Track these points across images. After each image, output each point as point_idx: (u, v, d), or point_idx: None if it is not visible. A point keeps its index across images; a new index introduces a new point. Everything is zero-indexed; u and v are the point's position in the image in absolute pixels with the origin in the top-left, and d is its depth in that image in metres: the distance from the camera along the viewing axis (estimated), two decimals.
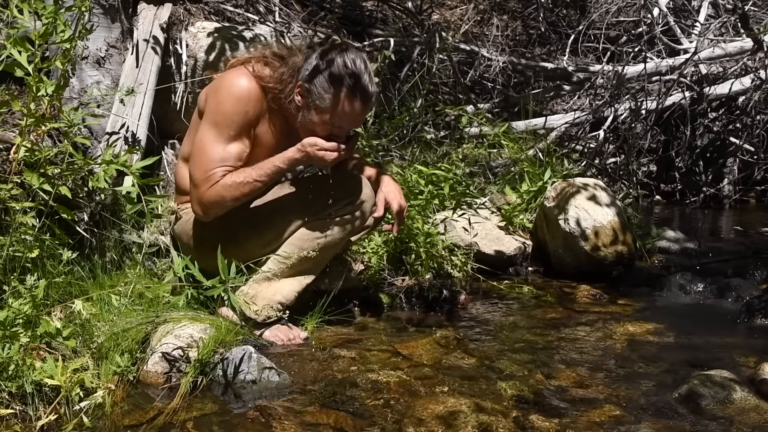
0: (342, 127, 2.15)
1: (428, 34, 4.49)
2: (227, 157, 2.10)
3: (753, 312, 2.62)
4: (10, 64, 1.92)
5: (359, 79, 2.09)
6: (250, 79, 2.13)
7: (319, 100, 2.10)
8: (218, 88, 2.16)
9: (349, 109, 2.11)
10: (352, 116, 2.13)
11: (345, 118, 2.13)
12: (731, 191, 4.88)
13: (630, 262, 3.12)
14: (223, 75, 2.20)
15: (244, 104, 2.11)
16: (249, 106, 2.12)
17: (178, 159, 2.34)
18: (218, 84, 2.17)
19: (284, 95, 2.15)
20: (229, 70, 2.21)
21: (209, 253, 2.17)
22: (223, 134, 2.10)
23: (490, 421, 1.78)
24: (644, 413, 1.83)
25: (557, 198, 3.18)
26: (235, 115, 2.10)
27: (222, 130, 2.10)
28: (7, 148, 2.09)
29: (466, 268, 2.84)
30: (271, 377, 1.95)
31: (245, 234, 2.21)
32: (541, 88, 5.10)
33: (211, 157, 2.10)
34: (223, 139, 2.10)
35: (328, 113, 2.11)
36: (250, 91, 2.12)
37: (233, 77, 2.14)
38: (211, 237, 2.20)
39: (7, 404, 1.66)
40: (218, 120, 2.10)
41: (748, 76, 4.68)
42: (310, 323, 2.37)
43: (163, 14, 2.95)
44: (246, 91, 2.11)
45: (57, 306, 1.98)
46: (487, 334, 2.45)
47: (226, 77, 2.16)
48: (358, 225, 2.25)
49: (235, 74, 2.15)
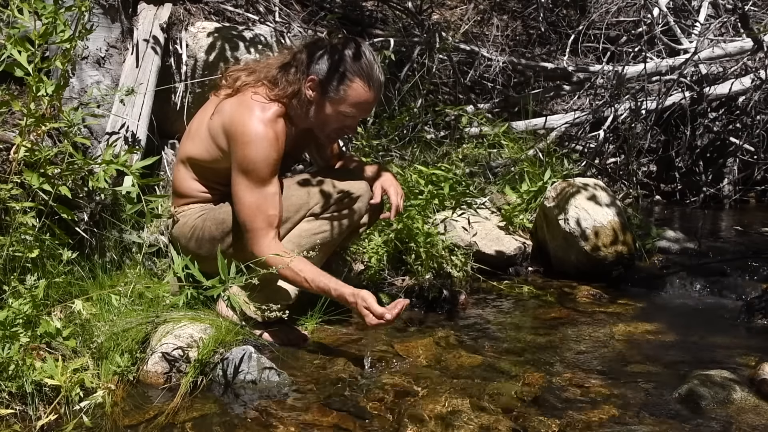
0: (354, 117, 2.19)
1: (428, 34, 4.49)
2: (263, 207, 2.10)
3: (753, 312, 2.62)
4: (10, 64, 1.92)
5: (372, 69, 2.13)
6: (270, 120, 2.10)
7: (333, 91, 2.13)
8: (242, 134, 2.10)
9: (364, 99, 2.15)
10: (365, 105, 2.18)
11: (358, 108, 2.16)
12: (731, 191, 4.87)
13: (630, 262, 3.12)
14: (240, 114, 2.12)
15: (270, 151, 2.09)
16: (275, 151, 2.11)
17: (177, 161, 2.34)
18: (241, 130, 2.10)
19: (299, 95, 2.16)
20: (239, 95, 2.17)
21: (208, 254, 2.18)
22: (256, 183, 2.10)
23: (490, 421, 1.78)
24: (644, 413, 1.83)
25: (557, 198, 3.18)
26: (263, 162, 2.09)
27: (254, 179, 2.10)
28: (7, 148, 2.09)
29: (466, 268, 2.84)
30: (271, 377, 1.95)
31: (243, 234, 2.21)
32: (541, 88, 5.10)
33: (251, 210, 2.10)
34: (257, 188, 2.10)
35: (343, 103, 2.14)
36: (276, 135, 2.10)
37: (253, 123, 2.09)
38: (209, 239, 2.21)
39: (7, 404, 1.66)
40: (248, 170, 2.09)
41: (748, 76, 4.68)
42: (310, 323, 2.38)
43: (163, 14, 2.95)
44: (272, 137, 2.09)
45: (57, 306, 1.98)
46: (487, 334, 2.45)
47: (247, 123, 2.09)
48: (355, 220, 2.27)
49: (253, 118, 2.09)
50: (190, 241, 2.26)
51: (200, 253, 2.23)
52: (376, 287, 2.70)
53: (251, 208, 2.11)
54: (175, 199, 2.33)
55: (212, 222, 2.23)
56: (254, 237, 2.11)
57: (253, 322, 2.21)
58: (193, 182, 2.29)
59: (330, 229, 2.21)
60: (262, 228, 2.10)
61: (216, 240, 2.22)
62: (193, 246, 2.26)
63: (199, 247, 2.25)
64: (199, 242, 2.25)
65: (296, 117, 2.20)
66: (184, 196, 2.29)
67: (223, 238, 2.21)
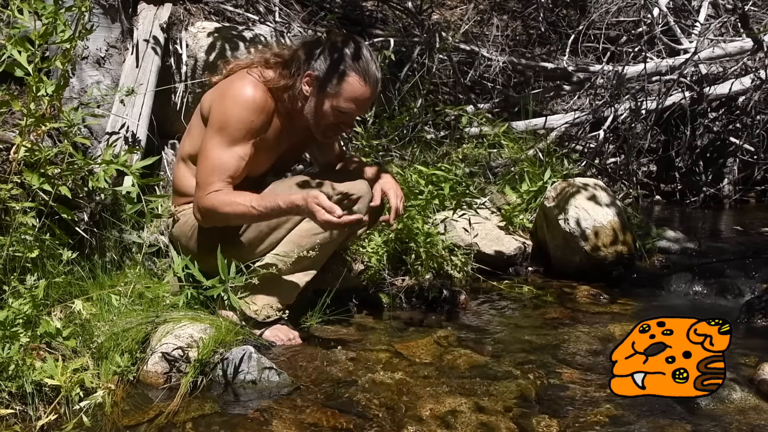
0: (350, 113, 2.18)
1: (428, 34, 4.50)
2: (227, 165, 2.10)
3: (753, 312, 2.62)
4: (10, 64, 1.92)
5: (369, 65, 2.14)
6: (257, 87, 2.12)
7: (329, 86, 2.13)
8: (223, 95, 2.14)
9: (359, 94, 2.15)
10: (361, 101, 2.17)
11: (354, 103, 2.16)
12: (731, 191, 4.88)
13: (630, 262, 3.12)
14: (229, 81, 2.17)
15: (249, 113, 2.10)
16: (254, 116, 2.11)
17: (177, 159, 2.34)
18: (223, 91, 2.15)
19: (292, 90, 2.16)
20: (232, 75, 2.20)
21: (207, 254, 2.18)
22: (225, 142, 2.10)
23: (490, 421, 1.78)
24: (644, 413, 1.83)
25: (557, 198, 3.18)
26: (239, 123, 2.10)
27: (224, 137, 2.10)
28: (7, 148, 2.09)
29: (466, 268, 2.84)
30: (271, 377, 1.95)
31: (243, 235, 2.21)
32: (541, 88, 5.10)
33: (212, 163, 2.10)
34: (225, 146, 2.10)
35: (338, 98, 2.14)
36: (256, 101, 2.11)
37: (239, 85, 2.13)
38: (208, 238, 2.21)
39: (7, 404, 1.66)
40: (222, 127, 2.10)
41: (748, 76, 4.68)
42: (310, 323, 2.38)
43: (163, 14, 2.95)
44: (252, 100, 2.11)
45: (57, 306, 1.98)
46: (487, 334, 2.45)
47: (232, 85, 2.14)
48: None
49: (241, 82, 2.13)
50: (190, 240, 2.26)
51: (202, 251, 2.22)
52: (376, 287, 2.70)
53: (213, 164, 2.10)
54: (176, 198, 2.33)
55: None
56: (202, 190, 2.10)
57: (253, 322, 2.21)
58: (193, 180, 2.29)
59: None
60: (214, 183, 2.09)
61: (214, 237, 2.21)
62: (194, 245, 2.26)
63: (200, 245, 2.24)
64: (199, 242, 2.24)
65: (292, 112, 2.20)
66: (184, 194, 2.29)
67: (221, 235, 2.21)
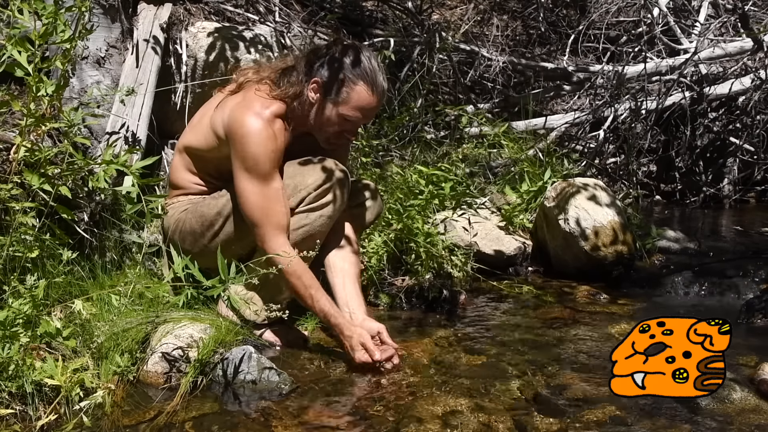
0: (355, 122, 2.19)
1: (428, 34, 4.49)
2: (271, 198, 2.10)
3: (753, 312, 2.62)
4: (10, 64, 1.92)
5: (376, 75, 2.14)
6: (268, 117, 2.10)
7: (336, 93, 2.14)
8: (239, 128, 2.10)
9: (365, 103, 2.15)
10: (366, 110, 2.18)
11: (360, 112, 2.16)
12: (731, 191, 4.87)
13: (630, 262, 3.12)
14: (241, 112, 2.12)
15: (267, 145, 2.09)
16: (273, 146, 2.10)
17: (174, 152, 2.35)
18: (239, 124, 2.10)
19: (301, 97, 2.16)
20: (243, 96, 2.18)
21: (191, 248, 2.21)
22: (259, 178, 2.09)
23: (490, 421, 1.78)
24: (644, 413, 1.83)
25: (557, 198, 3.18)
26: (264, 157, 2.09)
27: (256, 174, 2.09)
28: (7, 148, 2.09)
29: (466, 268, 2.84)
30: (271, 377, 1.95)
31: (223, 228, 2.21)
32: (541, 88, 5.10)
33: (257, 203, 2.09)
34: (260, 182, 2.09)
35: (344, 106, 2.14)
36: (270, 132, 2.10)
37: (252, 121, 2.09)
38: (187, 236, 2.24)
39: (7, 404, 1.66)
40: (249, 166, 2.09)
41: (748, 76, 4.67)
42: (310, 323, 2.38)
43: (163, 14, 2.95)
44: (266, 133, 2.09)
45: (57, 306, 1.98)
46: (486, 334, 2.45)
47: (245, 120, 2.10)
48: (338, 207, 2.19)
49: (253, 117, 2.10)
50: (174, 234, 2.28)
51: (184, 247, 2.22)
52: (376, 287, 2.70)
53: (258, 206, 2.10)
54: (170, 191, 2.35)
55: (193, 216, 2.24)
56: (265, 235, 2.10)
57: (253, 322, 2.21)
58: (188, 173, 2.30)
59: (312, 221, 2.16)
60: (272, 226, 2.09)
61: (197, 234, 2.23)
62: (177, 239, 2.27)
63: (183, 240, 2.25)
64: (182, 236, 2.26)
65: (296, 119, 2.20)
66: (177, 187, 2.31)
67: (203, 233, 2.22)
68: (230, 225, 2.20)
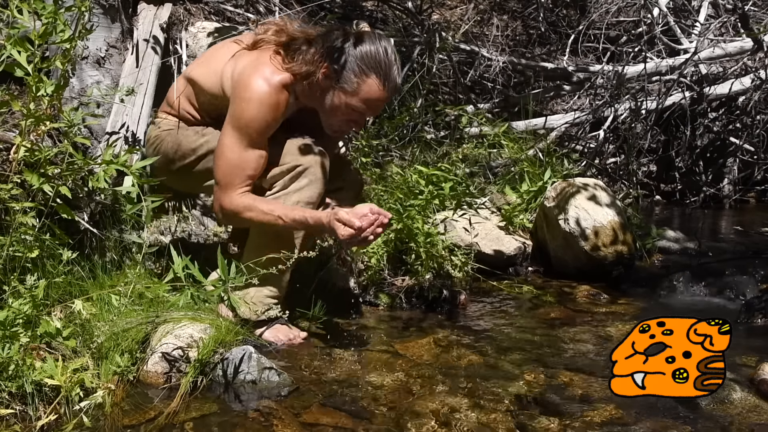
0: (362, 113, 2.16)
1: (428, 34, 4.50)
2: (247, 164, 2.09)
3: (753, 312, 2.62)
4: (10, 64, 1.92)
5: (390, 69, 2.11)
6: (276, 85, 2.08)
7: (347, 83, 2.11)
8: (245, 88, 2.09)
9: (376, 96, 2.12)
10: (375, 103, 2.15)
11: (368, 104, 2.14)
12: (731, 191, 4.88)
13: (630, 262, 3.12)
14: (251, 71, 2.10)
15: (267, 112, 2.08)
16: (271, 115, 2.09)
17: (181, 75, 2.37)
18: (245, 84, 2.09)
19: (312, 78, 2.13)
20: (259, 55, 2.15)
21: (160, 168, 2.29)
22: (245, 142, 2.08)
23: (490, 420, 1.78)
24: (644, 413, 1.83)
25: (557, 198, 3.18)
26: (259, 123, 2.08)
27: (244, 138, 2.08)
28: (7, 148, 2.09)
29: (466, 268, 2.84)
30: (271, 377, 1.95)
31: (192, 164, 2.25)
32: (541, 88, 5.10)
33: (232, 162, 2.09)
34: (245, 146, 2.09)
35: (354, 97, 2.12)
36: (275, 100, 2.08)
37: (260, 84, 2.08)
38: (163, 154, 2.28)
39: (7, 404, 1.66)
40: (241, 127, 2.08)
41: (748, 76, 4.68)
42: (310, 323, 2.37)
43: (163, 14, 2.95)
44: (270, 100, 2.08)
45: (57, 306, 1.98)
46: (486, 334, 2.45)
47: (253, 81, 2.08)
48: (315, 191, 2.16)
49: (262, 79, 2.08)
50: (149, 148, 2.33)
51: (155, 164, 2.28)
52: (376, 287, 2.70)
53: (231, 164, 2.09)
54: (163, 105, 2.38)
55: (171, 141, 2.26)
56: (223, 190, 2.11)
57: (253, 322, 2.21)
58: (186, 102, 2.29)
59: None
60: (235, 185, 2.09)
61: (168, 159, 2.27)
62: (151, 153, 2.32)
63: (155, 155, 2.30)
64: (156, 152, 2.30)
65: (302, 95, 2.17)
66: (171, 106, 2.33)
67: (174, 160, 2.26)
68: (200, 165, 2.23)
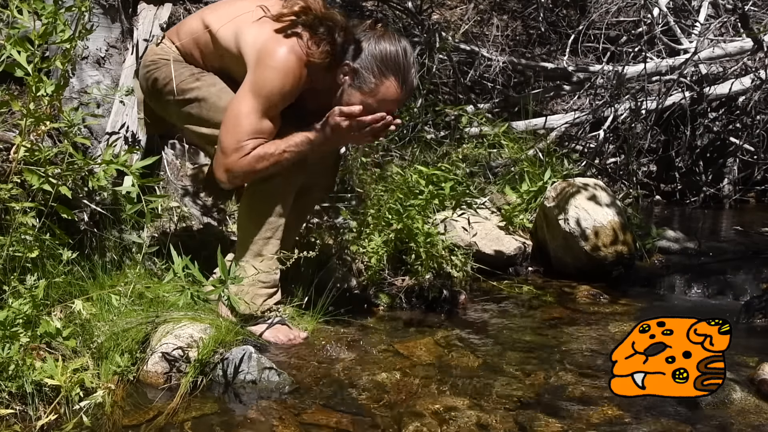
0: (376, 110, 2.14)
1: (428, 34, 4.50)
2: (261, 130, 2.07)
3: (753, 312, 2.62)
4: (10, 64, 1.92)
5: (409, 72, 2.12)
6: (298, 61, 2.06)
7: (365, 83, 2.11)
8: (268, 57, 2.06)
9: (392, 98, 2.12)
10: (390, 104, 2.15)
11: (383, 104, 2.13)
12: (731, 191, 4.88)
13: (630, 262, 3.12)
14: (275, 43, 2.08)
15: (286, 83, 2.06)
16: (289, 86, 2.07)
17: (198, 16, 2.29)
18: (273, 52, 2.06)
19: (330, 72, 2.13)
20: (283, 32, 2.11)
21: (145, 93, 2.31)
22: (262, 107, 2.06)
23: (490, 420, 1.78)
24: (644, 413, 1.83)
25: (557, 198, 3.18)
26: (278, 93, 2.06)
27: (261, 105, 2.06)
28: (7, 148, 2.09)
29: (466, 268, 2.84)
30: (271, 377, 1.95)
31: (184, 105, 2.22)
32: (541, 88, 5.10)
33: (246, 128, 2.07)
34: (261, 112, 2.06)
35: (371, 97, 2.12)
36: (296, 74, 2.06)
37: (284, 55, 2.05)
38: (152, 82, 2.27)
39: (7, 404, 1.66)
40: (260, 94, 2.06)
41: (748, 76, 4.68)
42: (310, 323, 2.37)
43: (163, 14, 2.94)
44: (291, 73, 2.05)
45: (57, 306, 1.98)
46: (486, 334, 2.45)
47: (277, 51, 2.06)
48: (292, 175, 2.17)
49: (286, 52, 2.06)
50: (143, 70, 2.31)
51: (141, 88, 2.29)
52: (376, 287, 2.70)
53: (245, 130, 2.05)
54: (171, 32, 2.32)
55: (165, 72, 2.23)
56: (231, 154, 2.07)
57: (253, 322, 2.21)
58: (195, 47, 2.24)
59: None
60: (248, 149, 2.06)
61: (156, 90, 2.25)
62: (141, 75, 2.31)
63: (146, 80, 2.29)
64: (147, 80, 2.29)
65: (317, 80, 2.15)
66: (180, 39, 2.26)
67: (161, 92, 2.24)
68: (185, 108, 2.21)
